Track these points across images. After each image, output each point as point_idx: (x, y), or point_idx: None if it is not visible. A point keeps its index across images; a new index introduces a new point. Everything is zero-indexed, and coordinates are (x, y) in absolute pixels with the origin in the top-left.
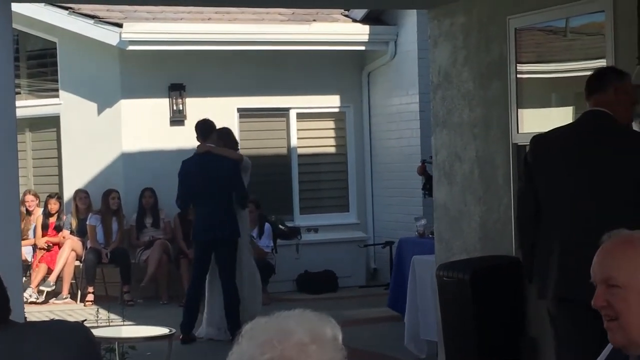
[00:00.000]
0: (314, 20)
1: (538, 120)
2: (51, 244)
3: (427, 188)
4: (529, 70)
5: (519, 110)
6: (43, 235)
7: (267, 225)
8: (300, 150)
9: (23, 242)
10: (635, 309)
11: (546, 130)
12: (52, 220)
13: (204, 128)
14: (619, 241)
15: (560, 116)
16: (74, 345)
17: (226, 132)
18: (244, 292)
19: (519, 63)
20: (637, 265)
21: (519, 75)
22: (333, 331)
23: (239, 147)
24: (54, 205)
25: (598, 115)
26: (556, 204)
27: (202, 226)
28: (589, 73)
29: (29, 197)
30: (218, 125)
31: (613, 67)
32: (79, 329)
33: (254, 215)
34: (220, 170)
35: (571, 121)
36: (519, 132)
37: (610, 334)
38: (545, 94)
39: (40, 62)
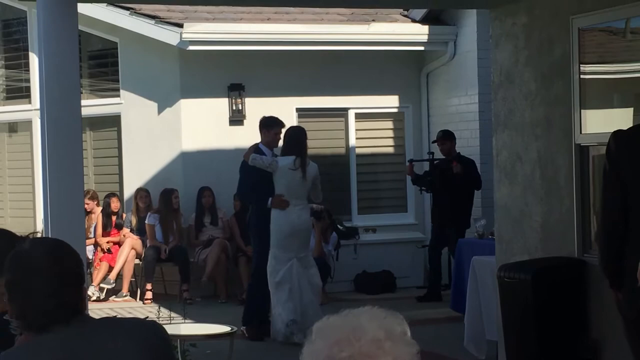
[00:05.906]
0: (373, 20)
1: (600, 121)
2: (112, 244)
3: (425, 184)
4: (592, 70)
5: (581, 110)
6: (104, 235)
7: (334, 234)
8: (358, 150)
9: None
10: None
11: (609, 130)
12: (114, 218)
13: (260, 124)
14: None
15: (622, 117)
16: (149, 343)
17: (287, 134)
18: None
19: (581, 63)
20: None
21: (581, 76)
22: (402, 326)
23: (305, 149)
24: (116, 204)
25: None
26: None
27: None
28: None
29: (85, 200)
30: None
31: None
32: (155, 327)
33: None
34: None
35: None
36: (582, 132)
37: None
38: (607, 94)
39: (101, 62)
